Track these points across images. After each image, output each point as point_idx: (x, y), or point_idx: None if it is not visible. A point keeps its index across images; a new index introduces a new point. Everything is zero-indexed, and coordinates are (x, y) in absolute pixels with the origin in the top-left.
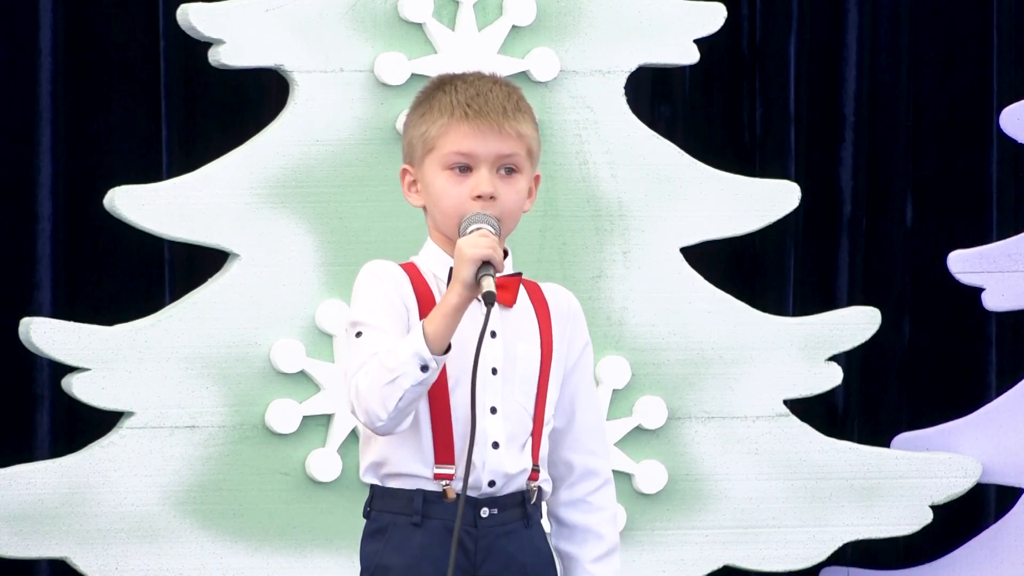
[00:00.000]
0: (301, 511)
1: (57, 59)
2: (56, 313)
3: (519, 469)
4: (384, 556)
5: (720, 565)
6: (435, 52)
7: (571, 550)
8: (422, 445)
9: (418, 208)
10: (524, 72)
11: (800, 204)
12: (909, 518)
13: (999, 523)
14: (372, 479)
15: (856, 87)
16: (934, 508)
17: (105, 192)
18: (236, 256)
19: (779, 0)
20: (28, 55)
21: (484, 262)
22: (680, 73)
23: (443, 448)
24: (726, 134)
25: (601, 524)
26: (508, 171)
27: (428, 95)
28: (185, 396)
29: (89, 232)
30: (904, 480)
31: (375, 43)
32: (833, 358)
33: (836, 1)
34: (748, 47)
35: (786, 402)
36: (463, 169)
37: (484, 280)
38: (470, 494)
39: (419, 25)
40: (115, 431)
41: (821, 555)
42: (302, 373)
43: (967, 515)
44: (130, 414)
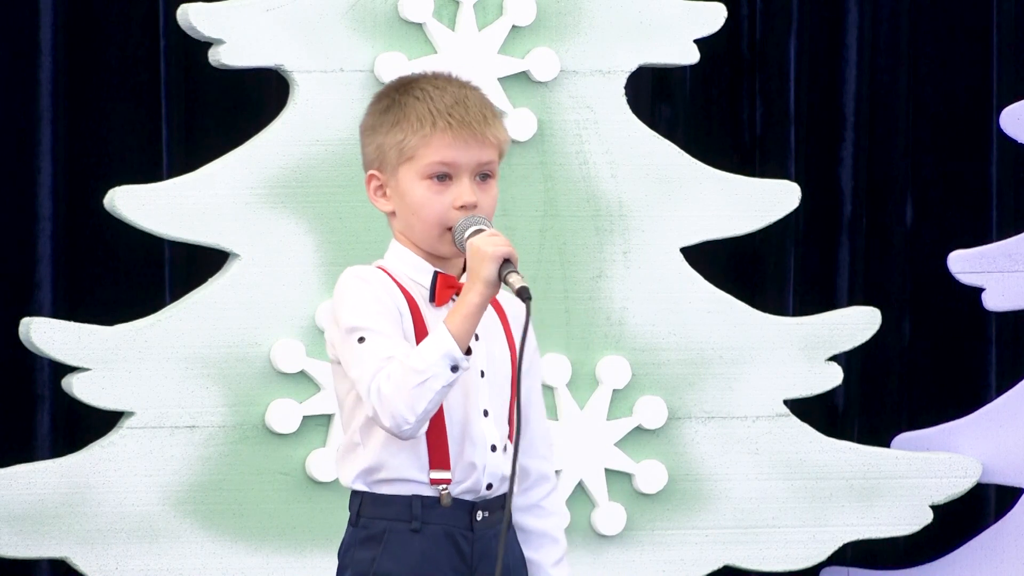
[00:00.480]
0: (301, 511)
1: (57, 59)
2: (56, 313)
3: (509, 471)
4: (381, 564)
5: (720, 565)
6: (435, 52)
7: (531, 555)
8: (418, 450)
9: (383, 212)
10: (524, 72)
11: (800, 204)
12: (909, 518)
13: (999, 523)
14: (360, 486)
15: (856, 87)
16: (934, 508)
17: (105, 192)
18: (236, 256)
19: (779, 0)
20: (28, 55)
21: (504, 260)
22: (680, 73)
23: (438, 453)
24: (726, 134)
25: (556, 528)
26: (484, 177)
27: (398, 101)
28: (185, 396)
29: (89, 232)
30: (904, 480)
31: (375, 43)
32: (833, 358)
33: (836, 1)
34: (748, 47)
35: (786, 402)
36: (442, 178)
37: (511, 277)
38: (468, 498)
39: (419, 25)
40: (115, 431)
41: (821, 555)
42: (302, 373)
43: (967, 515)
44: (130, 414)
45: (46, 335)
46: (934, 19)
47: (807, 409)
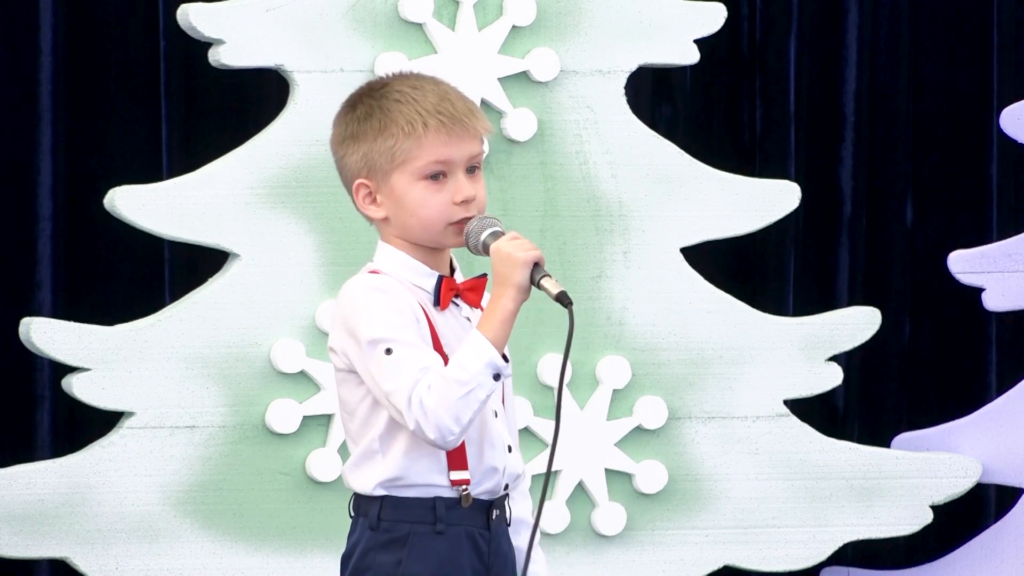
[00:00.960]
0: (301, 511)
1: (57, 59)
2: (56, 313)
3: (520, 471)
4: (408, 566)
5: (720, 565)
6: (435, 52)
7: (513, 541)
8: (438, 453)
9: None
10: (524, 72)
11: (800, 204)
12: (909, 518)
13: (999, 523)
14: (381, 491)
15: (856, 87)
16: (934, 508)
17: (105, 192)
18: (236, 256)
19: (779, 0)
20: (28, 55)
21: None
22: (680, 73)
23: (456, 454)
24: (726, 134)
25: (527, 511)
26: (472, 170)
27: (377, 107)
28: (185, 396)
29: (89, 232)
30: (904, 480)
31: (375, 43)
32: (833, 358)
33: (836, 1)
34: (748, 47)
35: (786, 402)
36: (437, 176)
37: (545, 281)
38: (485, 497)
39: (419, 25)
40: (115, 431)
41: (821, 555)
42: (302, 373)
43: (967, 515)
44: (130, 414)
45: (46, 335)
46: (934, 19)
47: (807, 409)
